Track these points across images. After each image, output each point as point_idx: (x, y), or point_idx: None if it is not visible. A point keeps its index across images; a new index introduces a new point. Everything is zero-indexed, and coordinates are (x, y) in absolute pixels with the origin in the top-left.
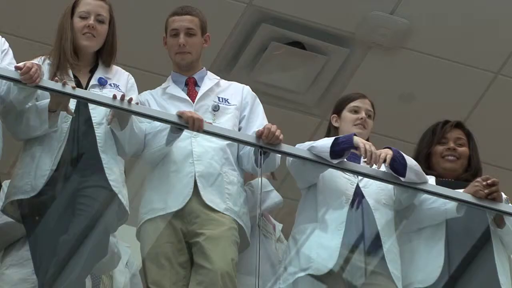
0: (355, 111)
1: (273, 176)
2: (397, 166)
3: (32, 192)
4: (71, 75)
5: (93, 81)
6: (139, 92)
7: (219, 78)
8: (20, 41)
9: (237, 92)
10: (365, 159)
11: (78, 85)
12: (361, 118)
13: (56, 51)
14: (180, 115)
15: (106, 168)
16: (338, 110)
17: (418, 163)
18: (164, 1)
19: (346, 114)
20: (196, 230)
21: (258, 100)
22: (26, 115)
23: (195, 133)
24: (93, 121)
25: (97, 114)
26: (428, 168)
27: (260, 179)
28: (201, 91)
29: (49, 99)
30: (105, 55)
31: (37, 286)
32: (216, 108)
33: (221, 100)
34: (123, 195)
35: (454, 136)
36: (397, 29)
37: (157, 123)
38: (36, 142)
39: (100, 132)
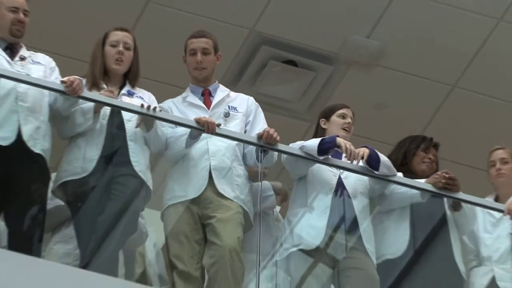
0: (343, 117)
1: (281, 198)
2: (372, 162)
3: (83, 173)
4: (105, 87)
5: (123, 91)
6: (161, 100)
7: (229, 90)
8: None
9: (244, 102)
10: (346, 156)
11: None
12: (348, 123)
13: (89, 74)
14: (197, 121)
15: (132, 153)
16: (327, 116)
17: (405, 157)
18: (182, 27)
19: (335, 118)
20: (209, 213)
21: (260, 108)
22: (72, 115)
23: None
24: (124, 118)
25: (127, 113)
26: (410, 163)
27: (260, 175)
28: (215, 100)
29: (90, 102)
30: (131, 77)
31: (79, 259)
32: (227, 115)
33: (230, 108)
34: (145, 174)
35: (433, 153)
36: (372, 50)
37: (179, 129)
38: (80, 136)
39: (129, 126)
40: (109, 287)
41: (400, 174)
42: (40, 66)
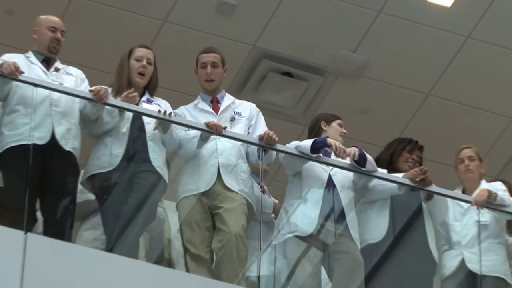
0: (341, 126)
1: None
2: (360, 160)
3: (109, 167)
4: None
5: (143, 99)
6: (175, 106)
7: (234, 98)
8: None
9: (247, 108)
10: (336, 153)
11: None
12: (345, 133)
13: (115, 83)
14: (207, 124)
15: (151, 151)
16: (328, 121)
17: (392, 156)
18: (193, 44)
19: (335, 125)
20: (217, 204)
21: (261, 113)
22: (100, 116)
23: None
24: (144, 121)
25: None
26: (396, 162)
27: (260, 171)
28: (222, 107)
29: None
30: (150, 88)
31: (105, 243)
32: (232, 119)
33: (236, 113)
34: (162, 169)
35: (416, 154)
36: (357, 63)
37: (191, 132)
38: (107, 135)
39: (148, 128)
40: (131, 268)
41: (384, 171)
42: (72, 77)
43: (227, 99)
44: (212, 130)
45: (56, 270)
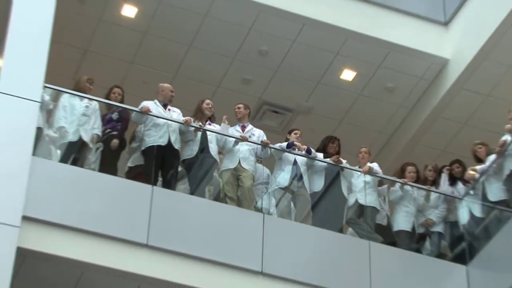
0: (295, 134)
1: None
2: (308, 151)
3: (191, 155)
4: (201, 122)
5: (207, 123)
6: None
7: (252, 126)
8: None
9: (258, 131)
10: (298, 149)
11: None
12: (297, 137)
13: (196, 115)
14: (240, 136)
15: (210, 147)
16: (290, 133)
17: (323, 146)
18: (231, 100)
19: (292, 135)
20: (239, 174)
21: (264, 134)
22: (186, 133)
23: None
24: (207, 134)
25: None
26: (326, 149)
27: (262, 161)
28: (246, 129)
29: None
30: (211, 118)
31: (189, 191)
32: (250, 136)
33: (252, 134)
34: (216, 156)
35: (336, 143)
36: (308, 107)
37: (229, 139)
38: (191, 141)
39: (209, 137)
40: (200, 203)
41: (321, 155)
42: (175, 113)
43: (249, 126)
44: (241, 138)
45: (165, 204)
